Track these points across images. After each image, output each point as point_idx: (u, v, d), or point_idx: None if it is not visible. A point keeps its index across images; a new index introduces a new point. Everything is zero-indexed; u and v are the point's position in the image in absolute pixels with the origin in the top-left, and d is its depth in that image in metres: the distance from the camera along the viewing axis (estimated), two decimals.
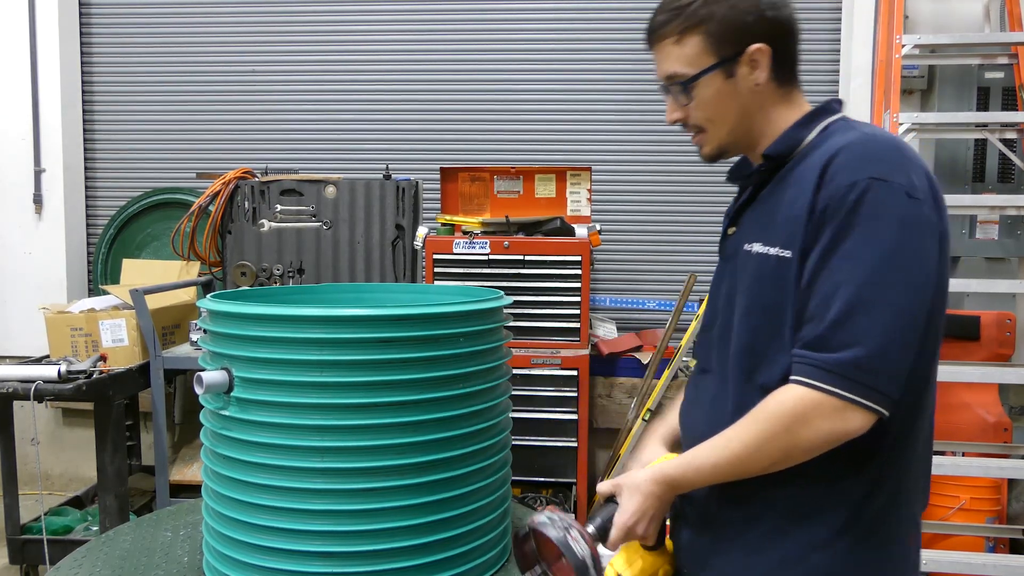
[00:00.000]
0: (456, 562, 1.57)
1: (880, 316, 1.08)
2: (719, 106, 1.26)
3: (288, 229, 3.76)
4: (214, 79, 4.63)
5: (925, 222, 1.11)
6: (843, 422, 1.10)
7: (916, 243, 1.10)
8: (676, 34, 1.25)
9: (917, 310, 1.10)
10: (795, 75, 1.31)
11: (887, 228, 1.09)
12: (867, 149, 1.15)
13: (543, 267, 3.54)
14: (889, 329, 1.08)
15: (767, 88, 1.27)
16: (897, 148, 1.16)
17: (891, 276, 1.09)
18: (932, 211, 1.13)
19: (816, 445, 1.12)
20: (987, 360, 3.44)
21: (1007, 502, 3.47)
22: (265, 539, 1.50)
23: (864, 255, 1.09)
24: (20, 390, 2.97)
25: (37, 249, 4.51)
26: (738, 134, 1.29)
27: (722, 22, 1.22)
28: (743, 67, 1.24)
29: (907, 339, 1.10)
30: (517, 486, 3.66)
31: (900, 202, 1.10)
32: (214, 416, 1.58)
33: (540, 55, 4.45)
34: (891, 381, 1.10)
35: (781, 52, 1.26)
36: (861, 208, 1.10)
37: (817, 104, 1.31)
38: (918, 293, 1.10)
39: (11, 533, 3.29)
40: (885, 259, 1.09)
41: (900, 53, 3.35)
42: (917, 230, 1.10)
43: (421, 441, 1.50)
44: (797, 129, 1.25)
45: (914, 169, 1.14)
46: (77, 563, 1.74)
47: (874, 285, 1.08)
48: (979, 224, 3.80)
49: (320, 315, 1.48)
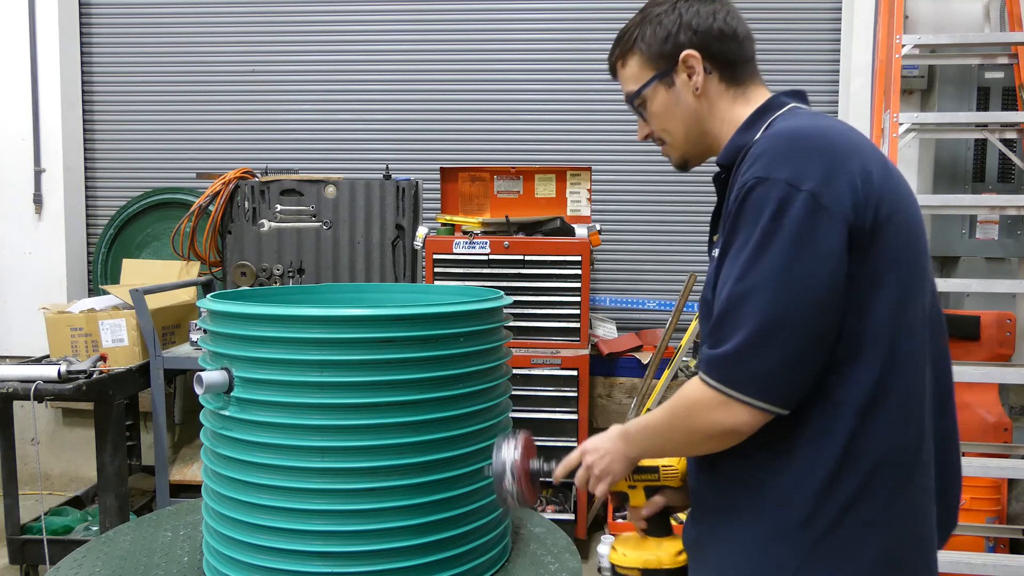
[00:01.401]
0: (456, 562, 1.57)
1: (751, 311, 1.09)
2: (668, 115, 1.35)
3: (288, 229, 3.76)
4: (214, 79, 4.63)
5: (809, 210, 1.08)
6: (729, 415, 1.12)
7: (795, 233, 1.08)
8: (621, 59, 1.39)
9: (793, 301, 1.08)
10: (745, 74, 1.33)
11: (761, 225, 1.10)
12: (766, 146, 1.16)
13: (543, 267, 3.54)
14: (760, 323, 1.08)
15: (715, 91, 1.32)
16: (793, 139, 1.15)
17: (762, 271, 1.09)
18: (832, 199, 1.09)
19: (711, 435, 1.16)
20: (987, 360, 3.44)
21: (1007, 502, 3.47)
22: (265, 539, 1.50)
23: (741, 254, 1.12)
24: (20, 390, 2.97)
25: (37, 249, 4.51)
26: (694, 139, 1.35)
27: (651, 38, 1.32)
28: (681, 75, 1.31)
29: (783, 332, 1.08)
30: None
31: (777, 197, 1.09)
32: (214, 416, 1.58)
33: (540, 55, 4.45)
34: (766, 376, 1.10)
35: (719, 55, 1.30)
36: (743, 209, 1.13)
37: (778, 93, 1.32)
38: (796, 283, 1.08)
39: (11, 533, 3.29)
40: (755, 255, 1.10)
41: (900, 53, 3.36)
42: (797, 220, 1.08)
43: (421, 441, 1.50)
44: (741, 134, 1.28)
45: (810, 159, 1.11)
46: (77, 563, 1.74)
47: (746, 282, 1.10)
48: (979, 224, 3.80)
49: (320, 315, 1.48)
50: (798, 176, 1.10)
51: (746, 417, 1.11)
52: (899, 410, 1.15)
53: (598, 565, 3.54)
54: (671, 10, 1.32)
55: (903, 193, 1.20)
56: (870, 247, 1.12)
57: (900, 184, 1.21)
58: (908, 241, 1.17)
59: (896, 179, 1.20)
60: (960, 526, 3.28)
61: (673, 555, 1.36)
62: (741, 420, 1.12)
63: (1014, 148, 3.55)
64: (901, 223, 1.16)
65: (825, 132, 1.17)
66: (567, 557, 1.78)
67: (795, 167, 1.11)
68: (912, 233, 1.18)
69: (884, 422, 1.14)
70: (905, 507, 1.17)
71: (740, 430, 1.13)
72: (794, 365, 1.10)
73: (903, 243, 1.15)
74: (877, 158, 1.19)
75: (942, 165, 3.92)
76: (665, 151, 1.40)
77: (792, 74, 4.35)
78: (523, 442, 1.41)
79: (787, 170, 1.11)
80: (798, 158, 1.12)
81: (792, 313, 1.08)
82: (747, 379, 1.10)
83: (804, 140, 1.15)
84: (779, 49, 4.35)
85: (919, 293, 1.19)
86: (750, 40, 1.34)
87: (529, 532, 1.91)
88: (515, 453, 1.39)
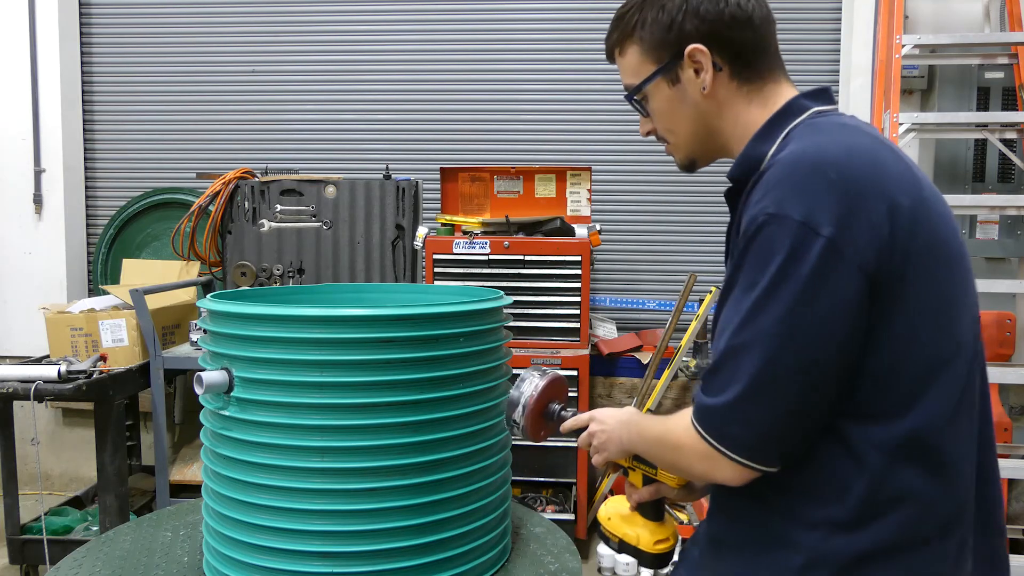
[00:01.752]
0: (456, 562, 1.57)
1: (749, 365, 0.99)
2: (673, 115, 1.21)
3: (288, 229, 3.76)
4: (214, 79, 4.63)
5: (825, 258, 0.97)
6: (715, 470, 1.06)
7: (806, 285, 0.97)
8: (618, 46, 1.24)
9: (794, 361, 0.99)
10: (762, 67, 1.18)
11: (770, 272, 0.98)
12: (783, 172, 1.02)
13: (543, 267, 3.54)
14: (757, 381, 0.99)
15: (727, 89, 1.17)
16: (811, 168, 1.01)
17: (765, 324, 0.99)
18: (851, 243, 0.97)
19: (693, 476, 1.15)
20: (987, 360, 3.43)
21: (1007, 502, 3.47)
22: (265, 539, 1.50)
23: (745, 300, 1.01)
24: (20, 390, 2.97)
25: (37, 249, 4.51)
26: (702, 141, 1.22)
27: (652, 26, 1.17)
28: (687, 71, 1.16)
29: (779, 392, 1.00)
30: (517, 486, 3.67)
31: (791, 240, 0.97)
32: (214, 416, 1.58)
33: (540, 55, 4.45)
34: (758, 437, 1.02)
35: (731, 47, 1.15)
36: (752, 246, 1.01)
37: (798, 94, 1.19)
38: (800, 340, 0.98)
39: (11, 533, 3.29)
40: (760, 303, 0.99)
41: (900, 53, 3.36)
42: (810, 271, 0.97)
43: (421, 441, 1.50)
44: (755, 144, 1.14)
45: (829, 195, 0.98)
46: (77, 563, 1.74)
47: (745, 333, 1.00)
48: (979, 224, 3.80)
49: (319, 315, 1.48)
50: (814, 216, 0.97)
51: (732, 474, 1.05)
52: (930, 464, 1.04)
53: (598, 565, 3.55)
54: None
55: (936, 215, 1.06)
56: (896, 293, 1.01)
57: (932, 207, 1.06)
58: (942, 274, 1.05)
59: (930, 202, 1.06)
60: None
61: (652, 541, 1.36)
62: (727, 476, 1.06)
63: (1014, 148, 3.55)
64: (936, 258, 1.04)
65: (849, 158, 1.02)
66: (567, 557, 1.77)
67: (811, 203, 0.98)
68: (946, 263, 1.05)
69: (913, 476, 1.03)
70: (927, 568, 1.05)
71: (726, 483, 1.07)
72: (789, 426, 1.02)
73: (936, 278, 1.03)
74: (906, 181, 1.05)
75: (942, 165, 3.92)
76: (669, 150, 1.28)
77: (792, 74, 4.24)
78: (550, 380, 1.44)
79: (802, 207, 0.98)
80: (815, 193, 0.99)
81: (792, 373, 0.99)
82: (738, 438, 1.03)
83: (823, 170, 1.00)
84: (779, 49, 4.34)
85: (953, 334, 1.06)
86: (769, 23, 1.18)
87: (529, 532, 1.91)
88: (535, 389, 1.42)
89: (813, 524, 1.05)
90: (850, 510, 1.03)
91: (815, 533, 1.05)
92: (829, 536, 1.04)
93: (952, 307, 1.07)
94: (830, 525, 1.04)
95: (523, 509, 2.03)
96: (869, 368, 1.02)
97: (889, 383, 1.03)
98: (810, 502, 1.06)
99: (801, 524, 1.06)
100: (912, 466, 1.03)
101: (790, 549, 1.06)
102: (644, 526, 1.38)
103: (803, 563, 1.05)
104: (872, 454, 1.02)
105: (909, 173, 1.07)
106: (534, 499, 3.66)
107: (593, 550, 3.67)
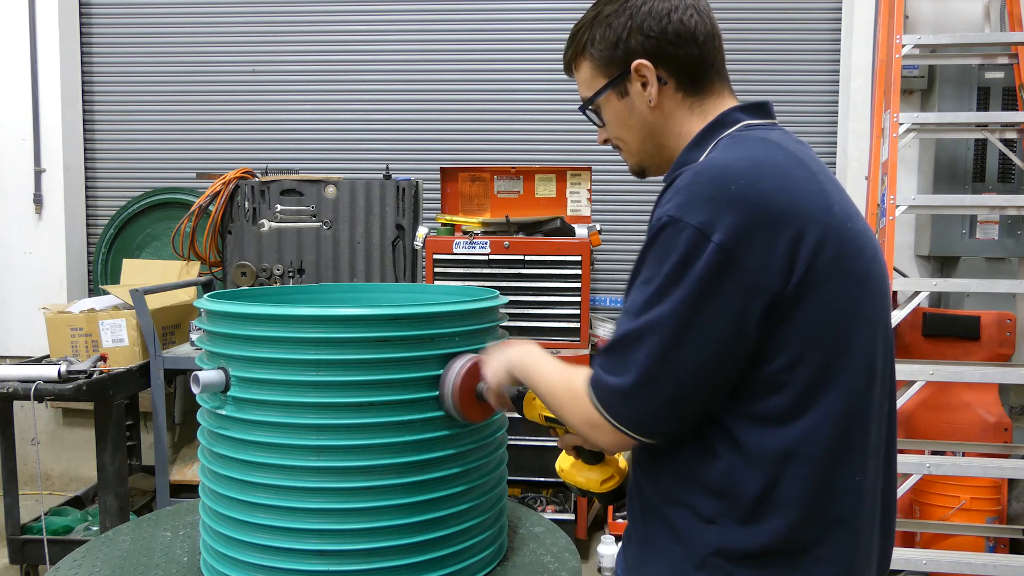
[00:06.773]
0: (452, 560, 1.57)
1: (643, 353, 1.07)
2: (623, 125, 1.28)
3: (288, 229, 3.76)
4: (214, 79, 4.64)
5: (717, 263, 1.02)
6: (595, 433, 1.16)
7: (697, 286, 1.03)
8: (573, 61, 1.33)
9: (683, 356, 1.05)
10: (706, 81, 1.23)
11: (665, 271, 1.05)
12: (690, 179, 1.08)
13: (543, 267, 3.54)
14: (649, 368, 1.07)
15: (672, 102, 1.23)
16: (718, 180, 1.06)
17: (659, 316, 1.05)
18: (745, 255, 1.02)
19: (572, 429, 1.23)
20: (987, 360, 3.43)
21: (1007, 502, 3.46)
22: (262, 538, 1.50)
23: (643, 291, 1.08)
24: (20, 390, 2.98)
25: (37, 249, 4.52)
26: (650, 151, 1.29)
27: (601, 44, 1.24)
28: (634, 85, 1.23)
29: (668, 381, 1.07)
30: (517, 486, 3.66)
31: (686, 243, 1.03)
32: (211, 415, 1.58)
33: (540, 55, 4.46)
34: (648, 416, 1.10)
35: (675, 62, 1.21)
36: (652, 245, 1.09)
37: (732, 107, 1.23)
38: (689, 337, 1.04)
39: (11, 533, 3.30)
40: (656, 297, 1.06)
41: (900, 53, 3.35)
42: (701, 273, 1.03)
43: (417, 440, 1.50)
44: (688, 152, 1.21)
45: (731, 208, 1.03)
46: (77, 563, 1.74)
47: (641, 321, 1.07)
48: (979, 224, 3.80)
49: (315, 315, 1.48)
50: (711, 224, 1.03)
51: (611, 439, 1.14)
52: (817, 471, 1.09)
53: (598, 565, 3.55)
54: (621, 10, 1.21)
55: (847, 235, 1.09)
56: (792, 311, 1.05)
57: (841, 226, 1.09)
58: (843, 294, 1.08)
59: (838, 220, 1.09)
60: (960, 526, 3.29)
61: (599, 482, 1.42)
62: (606, 441, 1.15)
63: (1014, 148, 3.55)
64: (837, 278, 1.07)
65: (756, 173, 1.07)
66: (567, 557, 1.78)
67: (710, 213, 1.03)
68: (850, 283, 1.09)
69: (800, 482, 1.08)
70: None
71: (603, 447, 1.22)
72: (674, 409, 1.10)
73: (835, 297, 1.07)
74: (815, 201, 1.08)
75: (942, 165, 3.92)
76: (623, 156, 1.35)
77: (792, 74, 4.36)
78: (471, 365, 1.50)
79: (701, 215, 1.03)
80: (717, 204, 1.03)
81: (681, 365, 1.06)
82: (631, 416, 1.11)
83: (729, 183, 1.05)
84: (779, 49, 4.35)
85: (851, 352, 1.10)
86: (713, 39, 1.22)
87: (529, 532, 1.91)
88: (457, 376, 1.49)
89: (709, 520, 1.12)
90: (743, 509, 1.10)
91: (711, 528, 1.12)
92: (724, 532, 1.11)
93: (851, 325, 1.10)
94: (726, 522, 1.11)
95: (523, 509, 2.03)
96: (762, 376, 1.08)
97: (782, 391, 1.08)
98: (708, 499, 1.12)
99: (700, 520, 1.13)
100: (801, 471, 1.09)
101: (686, 544, 1.14)
102: (591, 470, 1.43)
103: (698, 560, 1.12)
104: (763, 457, 1.09)
105: (820, 193, 1.10)
106: (534, 499, 3.66)
107: (593, 550, 3.67)
